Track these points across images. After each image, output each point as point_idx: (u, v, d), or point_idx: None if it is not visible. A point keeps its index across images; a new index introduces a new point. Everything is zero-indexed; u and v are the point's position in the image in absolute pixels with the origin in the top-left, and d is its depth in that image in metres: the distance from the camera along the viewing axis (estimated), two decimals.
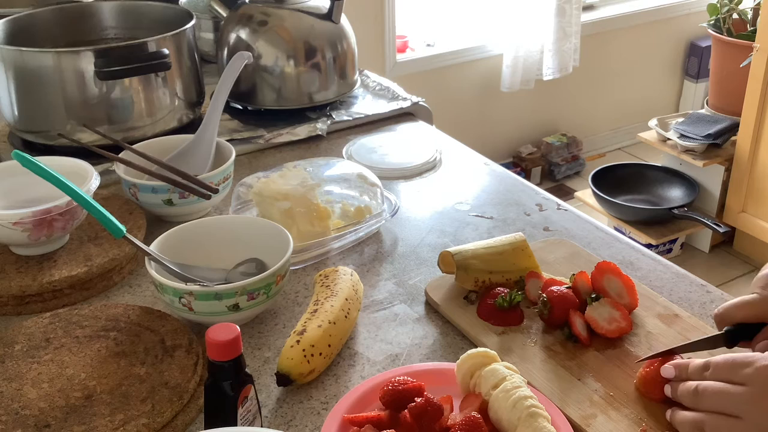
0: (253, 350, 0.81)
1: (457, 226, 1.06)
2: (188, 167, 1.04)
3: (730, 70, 2.90)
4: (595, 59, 3.35)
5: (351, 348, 0.82)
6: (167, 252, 0.85)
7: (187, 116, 1.27)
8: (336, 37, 1.35)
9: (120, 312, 0.82)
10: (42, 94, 1.14)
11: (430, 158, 1.24)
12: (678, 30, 3.57)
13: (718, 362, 0.66)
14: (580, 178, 3.39)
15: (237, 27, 1.33)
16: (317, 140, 1.31)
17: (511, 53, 3.01)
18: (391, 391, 0.67)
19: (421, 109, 1.42)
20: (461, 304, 0.86)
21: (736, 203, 2.76)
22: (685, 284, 0.92)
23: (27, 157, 0.81)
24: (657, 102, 3.69)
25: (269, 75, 1.33)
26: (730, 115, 2.86)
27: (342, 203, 1.03)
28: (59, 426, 0.67)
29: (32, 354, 0.76)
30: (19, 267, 0.89)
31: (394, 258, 0.98)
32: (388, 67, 2.87)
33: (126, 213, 1.00)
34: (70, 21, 1.34)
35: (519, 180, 1.20)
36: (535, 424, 0.64)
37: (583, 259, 0.94)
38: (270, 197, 0.97)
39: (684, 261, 2.79)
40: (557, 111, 3.42)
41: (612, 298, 0.81)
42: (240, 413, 0.64)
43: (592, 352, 0.78)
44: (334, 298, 0.81)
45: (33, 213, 0.86)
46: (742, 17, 2.95)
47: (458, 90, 3.11)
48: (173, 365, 0.74)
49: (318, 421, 0.72)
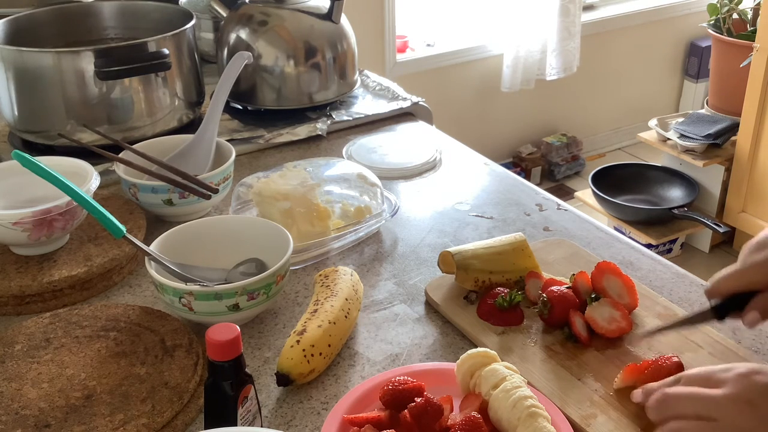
0: (253, 350, 0.81)
1: (457, 226, 1.06)
2: (188, 167, 1.04)
3: (730, 70, 2.90)
4: (595, 59, 3.35)
5: (351, 348, 0.82)
6: (167, 252, 0.85)
7: (187, 116, 1.27)
8: (336, 37, 1.35)
9: (120, 312, 0.82)
10: (42, 94, 1.14)
11: (430, 158, 1.24)
12: (678, 30, 3.57)
13: (690, 374, 0.65)
14: (580, 178, 3.39)
15: (237, 27, 1.33)
16: (317, 140, 1.31)
17: (511, 53, 3.01)
18: (391, 391, 0.67)
19: (421, 109, 1.42)
20: (461, 304, 0.86)
21: (736, 203, 2.76)
22: (685, 284, 0.92)
23: (27, 157, 0.81)
24: (657, 102, 3.69)
25: (269, 75, 1.33)
26: (730, 115, 2.86)
27: (342, 203, 1.03)
28: (59, 426, 0.67)
29: (32, 354, 0.76)
30: (19, 267, 0.89)
31: (394, 258, 0.98)
32: (388, 67, 2.87)
33: (126, 213, 1.00)
34: (70, 21, 1.34)
35: (519, 180, 1.20)
36: (535, 424, 0.64)
37: (583, 259, 0.94)
38: (270, 197, 0.97)
39: (684, 261, 2.79)
40: (557, 111, 3.42)
41: (612, 298, 0.81)
42: (240, 413, 0.64)
43: (592, 352, 0.78)
44: (334, 298, 0.81)
45: (33, 213, 0.86)
46: (742, 17, 2.95)
47: (458, 90, 3.11)
48: (173, 365, 0.74)
49: (318, 421, 0.72)
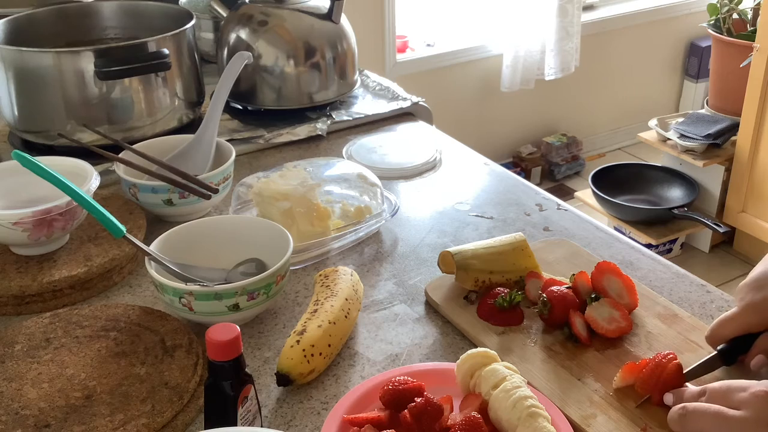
0: (253, 350, 0.81)
1: (457, 226, 1.06)
2: (188, 167, 1.04)
3: (730, 70, 2.90)
4: (595, 59, 3.35)
5: (351, 348, 0.82)
6: (167, 252, 0.85)
7: (187, 116, 1.27)
8: (336, 37, 1.35)
9: (120, 312, 0.82)
10: (42, 94, 1.14)
11: (430, 158, 1.24)
12: (678, 30, 3.57)
13: (714, 387, 0.67)
14: (580, 178, 3.39)
15: (237, 27, 1.33)
16: (317, 140, 1.31)
17: (511, 53, 3.01)
18: (391, 391, 0.67)
19: (421, 109, 1.42)
20: (461, 304, 0.86)
21: (736, 203, 2.76)
22: (685, 284, 0.92)
23: (27, 157, 0.81)
24: (657, 102, 3.69)
25: (269, 75, 1.33)
26: (730, 115, 2.86)
27: (342, 203, 1.03)
28: (59, 426, 0.67)
29: (32, 354, 0.76)
30: (19, 267, 0.89)
31: (394, 258, 0.98)
32: (388, 67, 2.87)
33: (126, 213, 1.00)
34: (70, 21, 1.34)
35: (519, 180, 1.20)
36: (535, 424, 0.64)
37: (583, 259, 0.94)
38: (270, 197, 0.97)
39: (684, 261, 2.79)
40: (557, 111, 3.42)
41: (612, 298, 0.81)
42: (240, 413, 0.64)
43: (592, 352, 0.78)
44: (334, 298, 0.81)
45: (33, 213, 0.86)
46: (742, 17, 2.95)
47: (458, 90, 3.11)
48: (173, 365, 0.74)
49: (318, 421, 0.72)
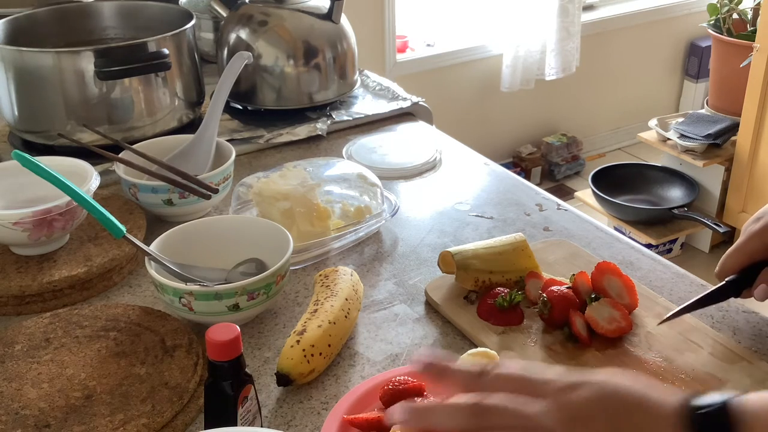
0: (253, 350, 0.81)
1: (457, 226, 1.06)
2: (188, 167, 1.04)
3: (730, 70, 2.90)
4: (595, 59, 3.35)
5: (351, 348, 0.82)
6: (167, 252, 0.85)
7: (187, 116, 1.27)
8: (336, 37, 1.35)
9: (120, 312, 0.82)
10: (42, 94, 1.14)
11: (430, 158, 1.24)
12: (678, 30, 3.57)
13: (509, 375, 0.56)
14: (580, 178, 3.39)
15: (237, 27, 1.33)
16: (317, 140, 1.31)
17: (511, 53, 3.01)
18: (391, 391, 0.67)
19: (421, 109, 1.42)
20: (461, 304, 0.86)
21: (736, 203, 2.76)
22: (685, 284, 0.92)
23: (27, 157, 0.81)
24: (657, 102, 3.69)
25: (269, 75, 1.32)
26: (730, 115, 2.86)
27: (342, 203, 1.03)
28: (59, 426, 0.67)
29: (32, 354, 0.76)
30: (19, 267, 0.89)
31: (394, 258, 0.98)
32: (388, 67, 2.87)
33: (126, 213, 1.00)
34: (70, 21, 1.34)
35: (519, 180, 1.20)
36: None
37: (583, 259, 0.94)
38: (270, 197, 0.97)
39: (684, 261, 2.79)
40: (557, 111, 3.42)
41: (612, 298, 0.81)
42: (240, 413, 0.64)
43: (592, 352, 0.78)
44: (334, 298, 0.81)
45: (33, 213, 0.86)
46: (742, 17, 2.95)
47: (458, 90, 3.11)
48: (173, 365, 0.74)
49: (318, 421, 0.72)
